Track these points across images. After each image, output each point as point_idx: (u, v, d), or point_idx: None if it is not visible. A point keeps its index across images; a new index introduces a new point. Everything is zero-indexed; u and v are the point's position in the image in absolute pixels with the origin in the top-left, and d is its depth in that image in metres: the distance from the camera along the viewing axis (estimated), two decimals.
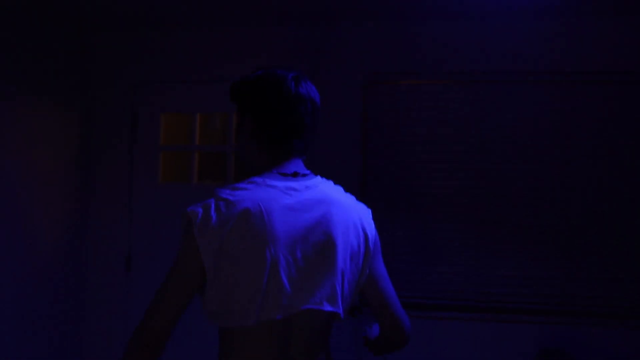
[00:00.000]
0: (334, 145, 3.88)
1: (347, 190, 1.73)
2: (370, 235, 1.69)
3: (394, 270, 3.80)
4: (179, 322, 1.61)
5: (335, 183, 1.72)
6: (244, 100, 1.70)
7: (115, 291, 4.13)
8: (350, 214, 1.65)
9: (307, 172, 1.68)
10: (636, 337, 3.57)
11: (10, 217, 3.40)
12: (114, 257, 4.16)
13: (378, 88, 3.93)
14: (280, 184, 1.59)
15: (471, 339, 3.70)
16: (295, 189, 1.60)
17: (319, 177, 1.69)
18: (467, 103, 3.87)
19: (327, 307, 1.55)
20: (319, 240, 1.56)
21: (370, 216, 1.74)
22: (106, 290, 4.13)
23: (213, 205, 1.55)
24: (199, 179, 4.32)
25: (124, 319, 4.09)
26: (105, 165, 4.19)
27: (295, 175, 1.64)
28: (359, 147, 3.90)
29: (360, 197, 1.93)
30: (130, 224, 4.17)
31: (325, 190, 1.65)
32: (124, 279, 4.15)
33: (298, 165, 1.68)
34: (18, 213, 3.47)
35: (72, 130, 4.01)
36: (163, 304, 1.54)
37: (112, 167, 4.19)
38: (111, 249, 4.16)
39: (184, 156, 4.41)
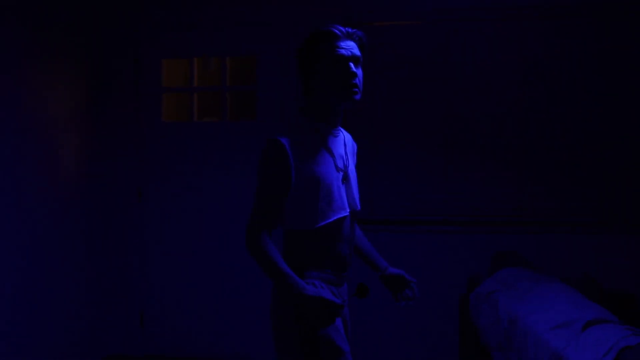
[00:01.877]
0: None
1: None
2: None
3: (375, 191, 4.34)
4: None
5: None
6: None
7: (129, 217, 4.69)
8: (354, 146, 2.38)
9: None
10: (577, 241, 4.14)
11: (37, 156, 3.91)
12: (127, 189, 4.69)
13: (356, 28, 4.33)
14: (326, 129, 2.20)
15: (440, 249, 4.25)
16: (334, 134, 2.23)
17: None
18: (434, 41, 4.30)
19: (359, 207, 2.26)
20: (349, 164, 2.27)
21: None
22: (122, 216, 4.69)
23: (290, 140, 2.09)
24: (199, 117, 4.81)
25: (139, 238, 4.69)
26: (114, 107, 4.67)
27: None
28: None
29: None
30: (139, 159, 4.68)
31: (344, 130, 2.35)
32: (137, 206, 4.70)
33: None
34: (42, 154, 3.98)
35: (81, 79, 4.47)
36: (270, 205, 2.08)
37: (120, 109, 4.67)
38: (124, 181, 4.68)
39: (185, 97, 4.89)
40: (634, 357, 2.07)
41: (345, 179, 2.20)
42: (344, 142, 2.28)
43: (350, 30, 2.15)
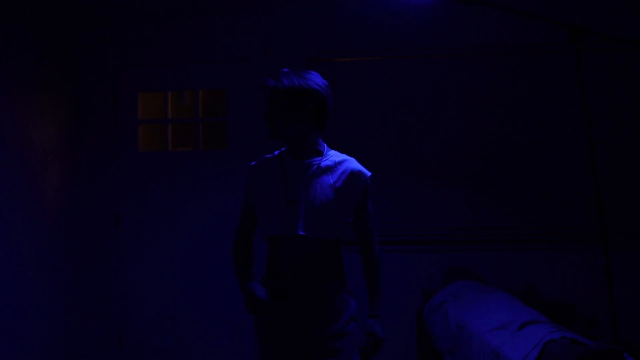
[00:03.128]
0: None
1: None
2: None
3: None
4: None
5: None
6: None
7: (108, 242, 4.95)
8: (353, 177, 2.50)
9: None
10: (522, 256, 4.53)
11: (20, 184, 4.17)
12: (105, 216, 4.96)
13: (318, 64, 4.72)
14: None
15: (398, 266, 4.58)
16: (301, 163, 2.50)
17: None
18: (388, 74, 4.71)
19: (315, 232, 2.42)
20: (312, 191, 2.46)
21: None
22: (100, 243, 4.95)
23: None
24: (173, 146, 5.13)
25: (117, 262, 4.95)
26: (93, 139, 4.95)
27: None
28: None
29: None
30: (117, 187, 4.96)
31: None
32: (115, 233, 4.97)
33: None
34: (25, 181, 4.25)
35: (62, 112, 4.75)
36: (241, 218, 2.63)
37: (99, 141, 4.95)
38: (103, 209, 4.95)
39: (160, 128, 5.20)
40: (555, 348, 2.43)
41: (292, 203, 2.40)
42: (316, 172, 2.45)
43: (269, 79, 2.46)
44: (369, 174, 2.54)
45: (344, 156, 2.54)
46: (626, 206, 4.49)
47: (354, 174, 2.47)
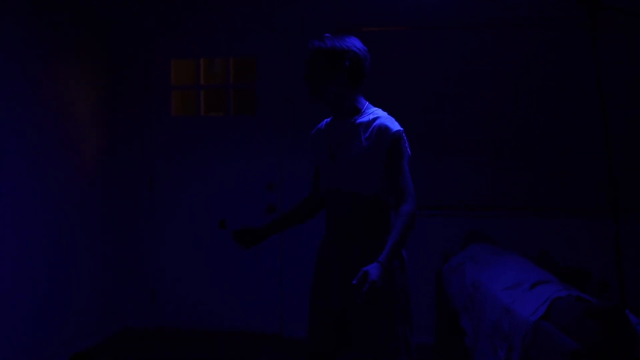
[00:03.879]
0: None
1: None
2: None
3: None
4: None
5: None
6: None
7: (142, 202, 5.22)
8: (380, 132, 2.57)
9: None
10: (545, 225, 4.68)
11: (62, 147, 4.42)
12: (140, 179, 5.21)
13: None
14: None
15: (418, 231, 4.75)
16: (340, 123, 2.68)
17: None
18: (414, 44, 4.84)
19: (347, 185, 2.60)
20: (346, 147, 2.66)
21: None
22: (135, 202, 5.21)
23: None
24: (205, 112, 5.33)
25: (150, 221, 5.22)
26: (127, 103, 5.18)
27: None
28: None
29: None
30: (150, 150, 5.20)
31: None
32: (148, 195, 5.22)
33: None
34: (66, 144, 4.49)
35: (99, 77, 4.97)
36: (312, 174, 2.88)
37: (133, 105, 5.19)
38: (137, 171, 5.20)
39: (192, 94, 5.40)
40: (562, 304, 2.60)
41: (332, 158, 2.62)
42: (351, 129, 2.59)
43: (314, 40, 2.61)
44: (395, 129, 2.56)
45: (380, 113, 2.64)
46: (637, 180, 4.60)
47: (380, 129, 2.54)
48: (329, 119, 2.77)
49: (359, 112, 2.64)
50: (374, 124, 2.57)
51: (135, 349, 4.75)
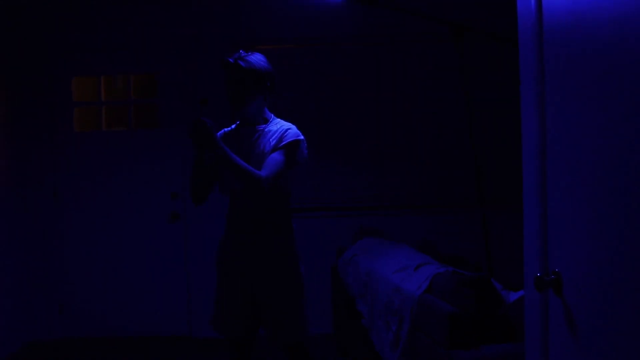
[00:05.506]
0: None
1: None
2: None
3: None
4: None
5: None
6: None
7: (46, 214, 5.35)
8: (281, 134, 2.94)
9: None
10: (421, 219, 5.27)
11: None
12: (45, 193, 5.33)
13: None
14: None
15: (312, 232, 5.19)
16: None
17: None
18: (303, 60, 5.33)
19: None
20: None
21: None
22: (40, 214, 5.32)
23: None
24: (107, 126, 5.53)
25: (56, 233, 5.35)
26: (31, 121, 5.30)
27: None
28: None
29: None
30: (54, 164, 5.33)
31: None
32: (53, 205, 5.35)
33: None
34: None
35: (2, 94, 5.06)
36: None
37: (37, 122, 5.31)
38: (42, 186, 5.32)
39: (95, 109, 5.59)
40: (441, 279, 3.11)
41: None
42: (261, 135, 2.95)
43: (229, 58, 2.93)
44: (297, 136, 2.95)
45: (287, 124, 3.02)
46: (500, 177, 5.25)
47: (282, 132, 2.92)
48: (234, 125, 3.11)
49: (266, 121, 3.03)
50: (281, 131, 2.96)
51: None
